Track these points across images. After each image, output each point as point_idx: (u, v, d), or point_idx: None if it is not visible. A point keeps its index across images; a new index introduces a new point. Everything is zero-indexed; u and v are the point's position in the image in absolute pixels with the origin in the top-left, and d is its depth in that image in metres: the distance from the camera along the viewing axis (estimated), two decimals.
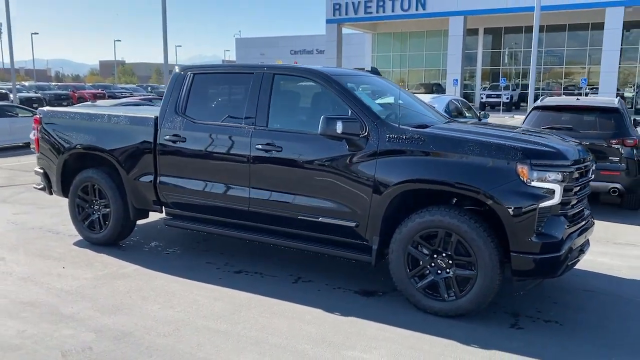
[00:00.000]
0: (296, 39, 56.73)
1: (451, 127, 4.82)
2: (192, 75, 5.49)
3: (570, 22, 35.39)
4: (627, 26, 31.44)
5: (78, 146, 5.97)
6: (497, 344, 3.86)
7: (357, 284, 4.99)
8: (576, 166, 4.21)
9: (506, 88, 34.15)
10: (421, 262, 4.35)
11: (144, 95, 37.96)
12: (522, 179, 3.96)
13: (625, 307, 4.61)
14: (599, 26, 32.39)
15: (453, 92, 29.99)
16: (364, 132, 4.46)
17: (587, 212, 4.65)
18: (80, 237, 6.27)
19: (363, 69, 6.03)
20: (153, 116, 5.58)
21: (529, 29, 38.41)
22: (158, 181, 5.52)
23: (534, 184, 3.96)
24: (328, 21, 37.48)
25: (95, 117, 5.97)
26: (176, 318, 4.23)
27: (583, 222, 4.45)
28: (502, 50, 40.55)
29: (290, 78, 5.22)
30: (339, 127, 4.37)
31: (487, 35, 40.71)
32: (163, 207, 5.68)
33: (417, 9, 34.53)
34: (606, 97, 12.64)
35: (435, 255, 4.29)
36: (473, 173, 4.07)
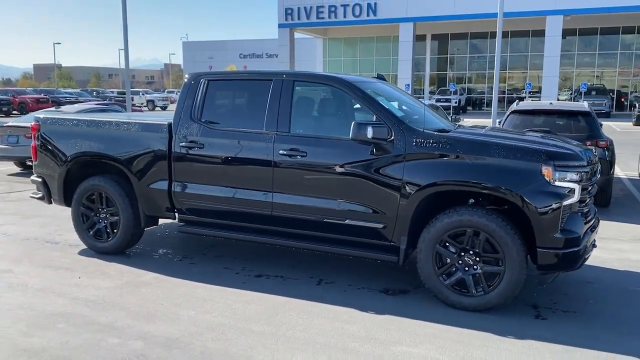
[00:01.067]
0: (245, 42, 56.46)
1: (471, 132, 5.09)
2: (206, 82, 5.52)
3: (512, 29, 36.95)
4: (564, 33, 33.18)
5: (84, 153, 5.87)
6: (530, 334, 4.13)
7: (379, 283, 5.17)
8: (589, 167, 4.55)
9: (454, 92, 35.36)
10: (449, 260, 4.58)
11: (90, 100, 36.88)
12: (547, 179, 4.26)
13: (628, 295, 4.99)
14: (540, 33, 34.09)
15: None
16: (390, 136, 4.65)
17: (593, 210, 5.02)
18: (83, 247, 6.16)
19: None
20: (167, 122, 5.58)
21: (474, 36, 40.04)
22: (173, 188, 5.51)
23: (557, 183, 4.27)
24: (280, 25, 37.58)
25: (102, 124, 5.88)
26: (217, 323, 4.27)
27: (593, 220, 4.81)
28: (448, 56, 41.90)
29: (311, 85, 5.35)
30: (370, 132, 4.55)
31: (433, 42, 41.96)
32: (177, 214, 5.67)
33: (368, 15, 35.19)
34: (575, 102, 13.39)
35: (462, 253, 4.53)
36: (502, 174, 4.34)
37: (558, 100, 32.36)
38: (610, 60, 38.32)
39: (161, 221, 6.59)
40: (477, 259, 4.48)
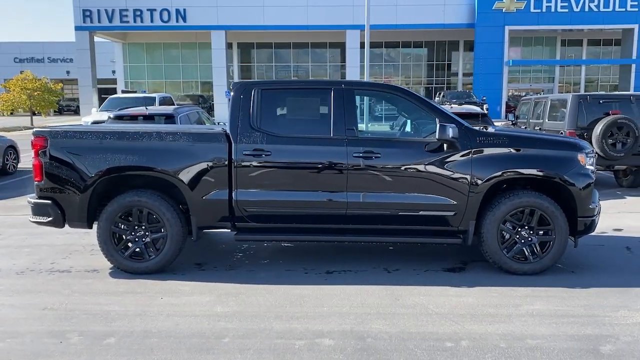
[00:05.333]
0: (22, 45, 50.11)
1: (511, 130, 6.15)
2: (259, 91, 5.60)
3: (312, 40, 39.96)
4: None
5: (119, 168, 5.43)
6: (585, 283, 5.33)
7: (437, 265, 5.87)
8: (594, 153, 5.98)
9: None
10: (508, 236, 5.57)
11: None
12: (582, 164, 5.53)
13: (609, 252, 6.49)
14: (338, 45, 37.63)
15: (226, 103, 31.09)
16: (459, 136, 5.46)
17: None
18: (107, 270, 5.70)
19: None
20: (223, 132, 5.51)
21: (277, 45, 42.15)
22: (235, 196, 5.48)
23: (587, 167, 5.57)
24: (77, 28, 34.59)
25: (138, 135, 5.50)
26: (361, 313, 4.58)
27: None
28: (255, 64, 43.29)
29: (371, 93, 5.85)
30: (450, 132, 5.29)
31: (239, 50, 42.93)
32: (234, 223, 5.61)
33: (177, 21, 34.55)
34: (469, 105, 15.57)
35: (519, 229, 5.56)
36: (551, 163, 5.47)
37: None
38: (395, 70, 43.92)
39: None
40: (531, 232, 5.55)
